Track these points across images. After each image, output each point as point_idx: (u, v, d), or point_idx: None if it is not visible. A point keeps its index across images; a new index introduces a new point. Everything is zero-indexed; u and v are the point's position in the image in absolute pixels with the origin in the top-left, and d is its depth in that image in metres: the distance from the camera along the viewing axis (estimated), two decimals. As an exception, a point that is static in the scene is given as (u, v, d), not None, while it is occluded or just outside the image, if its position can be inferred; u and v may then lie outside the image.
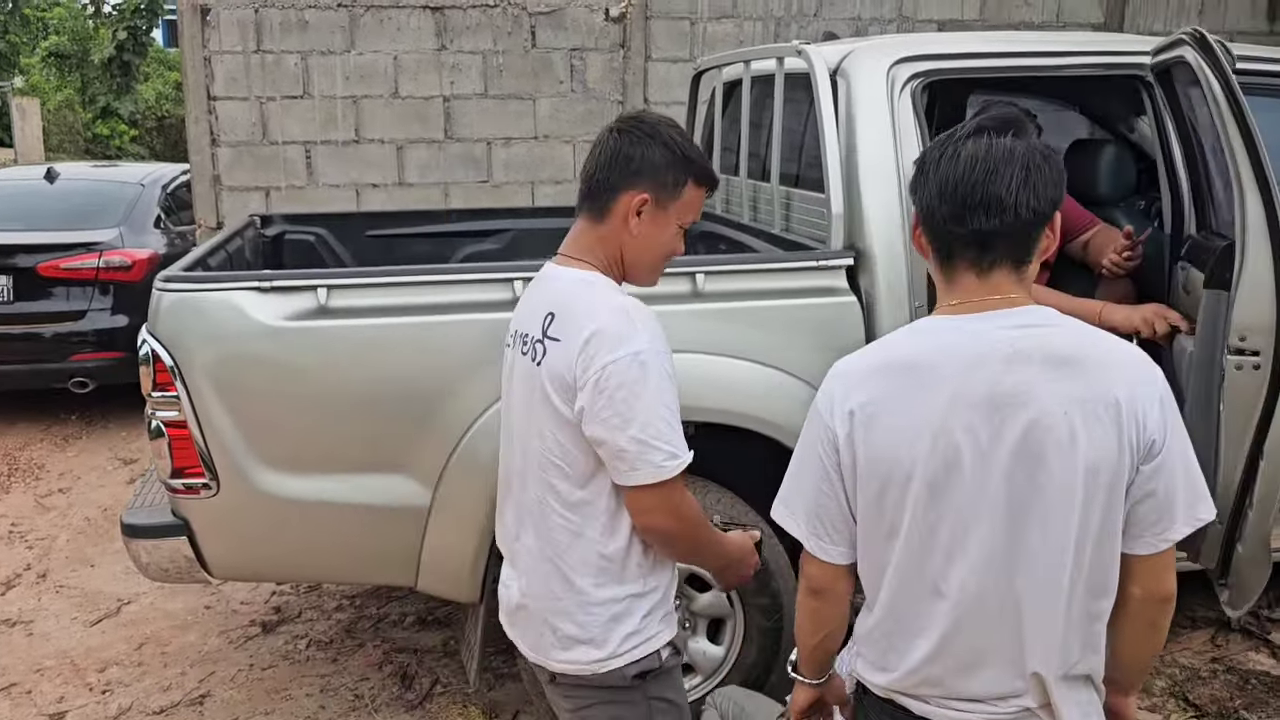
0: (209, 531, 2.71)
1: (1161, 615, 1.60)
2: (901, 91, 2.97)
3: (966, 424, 1.46)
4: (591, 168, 1.85)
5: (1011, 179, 1.45)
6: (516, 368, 1.90)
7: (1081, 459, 1.44)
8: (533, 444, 1.84)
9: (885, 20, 6.29)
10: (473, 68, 6.07)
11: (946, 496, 1.48)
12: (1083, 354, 1.47)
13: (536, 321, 1.83)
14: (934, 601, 1.53)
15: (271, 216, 4.14)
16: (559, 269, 1.88)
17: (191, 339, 2.57)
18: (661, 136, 1.82)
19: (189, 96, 5.87)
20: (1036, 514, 1.46)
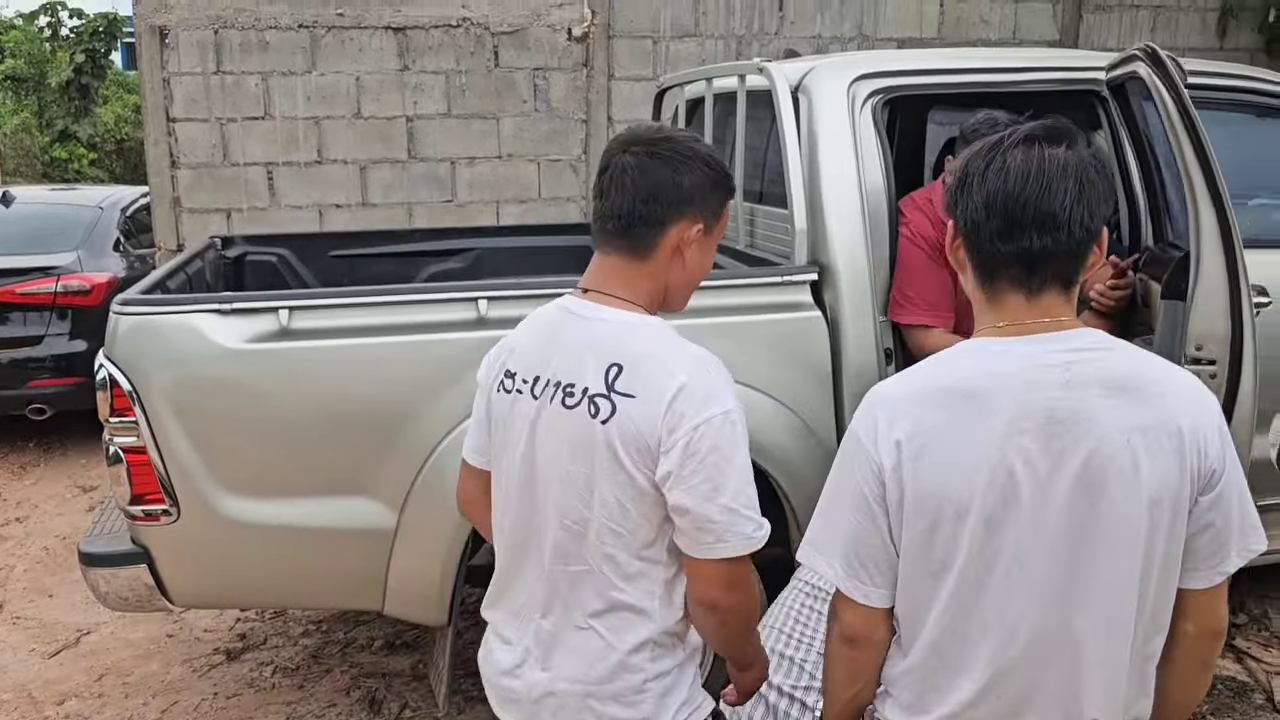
0: (170, 558, 2.66)
1: (1214, 652, 1.54)
2: (862, 108, 3.00)
3: (1024, 454, 1.37)
4: (628, 200, 1.61)
5: (1066, 194, 1.36)
6: (544, 419, 1.62)
7: (1145, 489, 1.37)
8: (574, 507, 1.60)
9: (846, 39, 6.36)
10: (436, 88, 6.06)
11: (1004, 531, 1.39)
12: (1142, 380, 1.40)
13: (588, 371, 1.58)
14: (983, 640, 1.43)
15: (232, 238, 4.10)
16: (600, 309, 1.63)
17: (150, 363, 2.53)
18: (700, 156, 1.64)
19: (148, 118, 5.81)
20: (1099, 547, 1.38)
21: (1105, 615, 1.40)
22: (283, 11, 5.85)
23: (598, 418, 1.56)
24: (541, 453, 1.63)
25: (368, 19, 5.94)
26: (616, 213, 1.62)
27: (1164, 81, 2.67)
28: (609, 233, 1.64)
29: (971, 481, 1.38)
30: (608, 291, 1.64)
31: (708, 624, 1.65)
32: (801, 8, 6.37)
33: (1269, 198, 3.73)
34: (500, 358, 1.74)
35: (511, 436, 1.68)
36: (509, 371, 1.69)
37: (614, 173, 1.63)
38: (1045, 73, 3.23)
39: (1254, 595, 3.74)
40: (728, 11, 6.29)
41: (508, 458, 1.69)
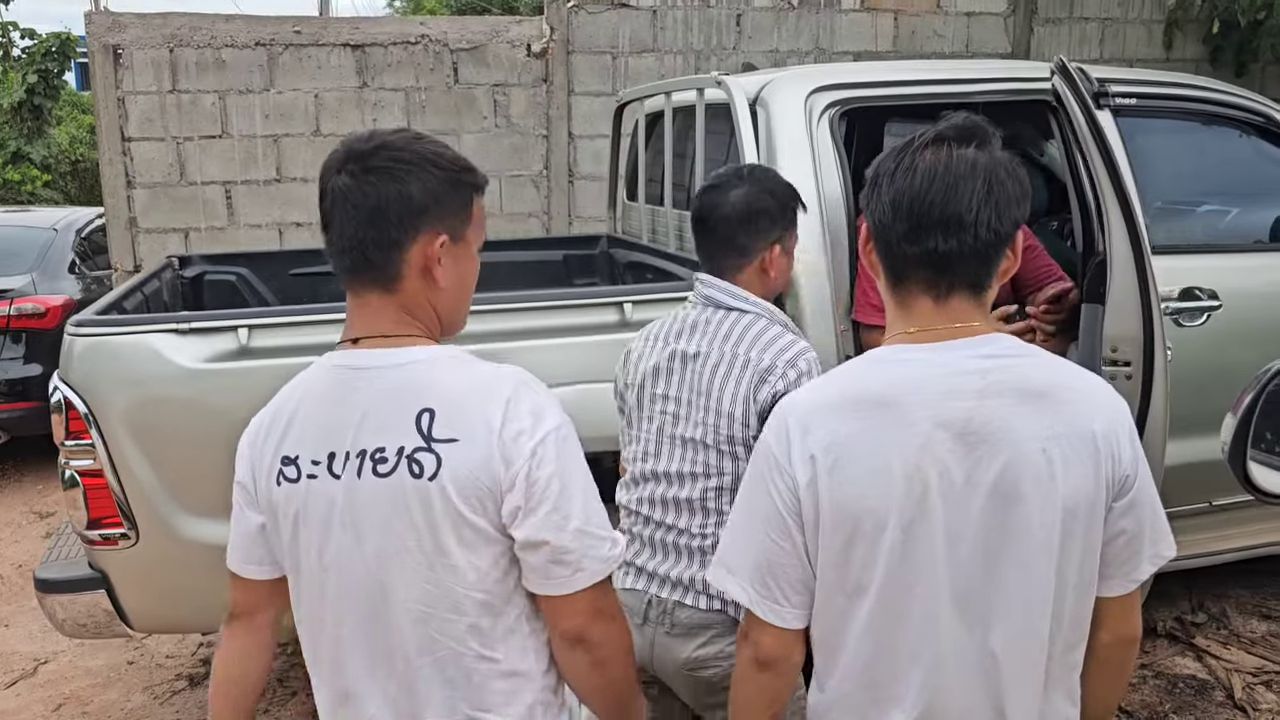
0: (128, 583, 2.62)
1: (1130, 659, 1.51)
2: (820, 119, 3.03)
3: (940, 465, 1.32)
4: (351, 228, 1.38)
5: (972, 196, 1.31)
6: (356, 498, 1.37)
7: (1061, 498, 1.32)
8: (420, 587, 1.37)
9: (803, 53, 6.43)
10: (395, 105, 6.04)
11: (921, 545, 1.33)
12: (1055, 386, 1.36)
13: (396, 427, 1.36)
14: (911, 666, 1.36)
15: (190, 257, 4.05)
16: (382, 355, 1.39)
17: (106, 385, 2.50)
18: (425, 157, 1.41)
19: (102, 138, 5.74)
20: (1015, 559, 1.33)
21: (1022, 629, 1.35)
22: (239, 29, 5.81)
23: (423, 476, 1.34)
24: (362, 539, 1.38)
25: (326, 36, 5.92)
26: (346, 245, 1.40)
27: (1072, 93, 2.75)
28: (347, 269, 1.41)
29: (888, 494, 1.32)
30: (380, 333, 1.41)
31: (580, 667, 1.45)
32: (759, 23, 6.43)
33: (1218, 204, 3.81)
34: (265, 444, 1.44)
35: (311, 533, 1.41)
36: (287, 458, 1.41)
37: (333, 198, 1.40)
38: (998, 83, 3.29)
39: (1211, 594, 3.80)
40: (686, 27, 6.33)
41: (310, 558, 1.42)
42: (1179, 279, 3.19)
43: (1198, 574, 3.56)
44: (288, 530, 1.43)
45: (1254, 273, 3.38)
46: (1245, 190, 3.70)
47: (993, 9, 6.70)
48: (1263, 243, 3.60)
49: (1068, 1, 6.77)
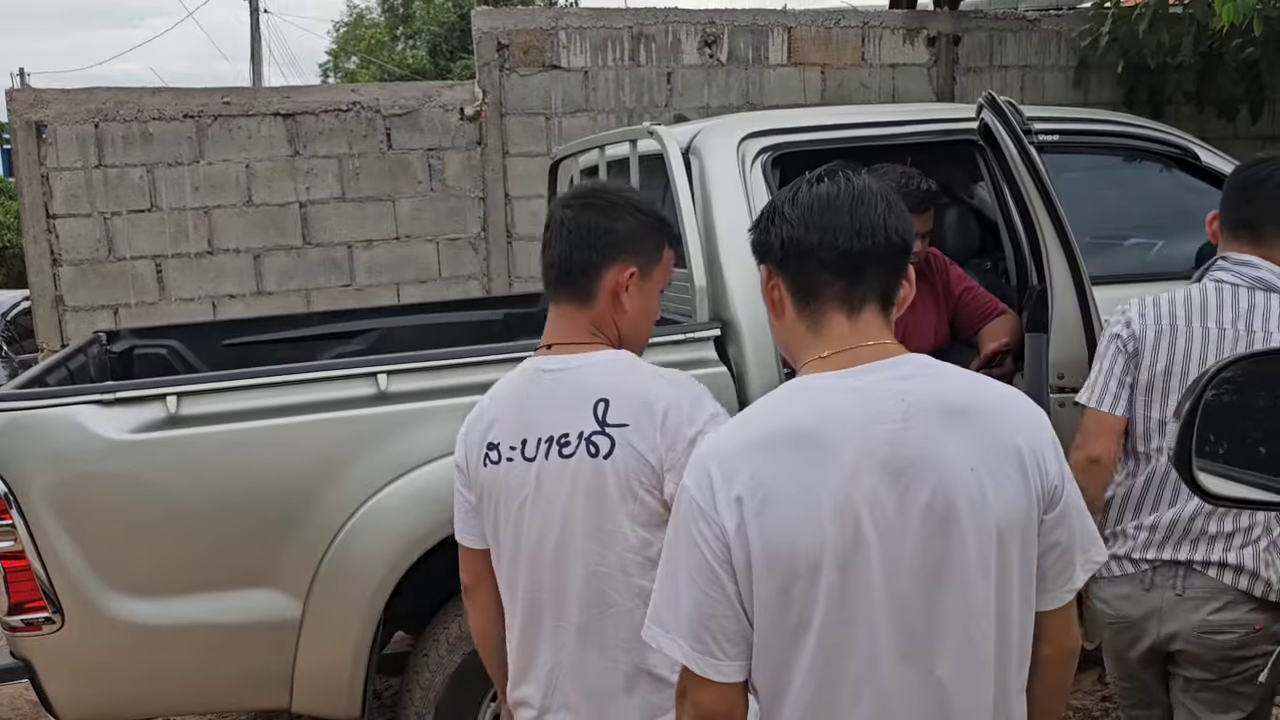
0: (54, 670, 2.49)
1: (1070, 671, 1.51)
2: (753, 165, 3.06)
3: (870, 496, 1.30)
4: (564, 249, 1.72)
5: (876, 206, 1.38)
6: (544, 477, 1.67)
7: (995, 517, 1.32)
8: (595, 550, 1.64)
9: (733, 108, 6.52)
10: (328, 172, 5.99)
11: (859, 580, 1.30)
12: (976, 401, 1.37)
13: (577, 416, 1.64)
14: (855, 704, 1.33)
15: (119, 331, 3.95)
16: (568, 359, 1.70)
17: (27, 461, 2.40)
18: (631, 203, 1.77)
19: (26, 216, 5.61)
20: (954, 584, 1.31)
21: (967, 655, 1.33)
22: (166, 102, 5.75)
23: (599, 455, 1.62)
24: (549, 510, 1.67)
25: (256, 106, 5.88)
26: (557, 261, 1.73)
27: (1005, 128, 2.82)
28: (554, 282, 1.75)
29: (821, 531, 1.30)
30: (569, 340, 1.72)
31: None
32: (689, 80, 6.52)
33: (1144, 237, 3.90)
34: (477, 433, 1.76)
35: (510, 506, 1.71)
36: (490, 444, 1.73)
37: (554, 225, 1.75)
38: (927, 125, 3.35)
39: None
40: (617, 86, 6.40)
41: (508, 528, 1.72)
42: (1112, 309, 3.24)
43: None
44: (491, 507, 1.73)
45: (1183, 300, 3.44)
46: (1169, 222, 3.80)
47: (915, 60, 6.88)
48: (1189, 270, 3.68)
49: (987, 50, 6.98)
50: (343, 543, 2.50)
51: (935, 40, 6.88)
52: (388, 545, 2.53)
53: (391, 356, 2.70)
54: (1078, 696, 3.42)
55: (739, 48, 6.59)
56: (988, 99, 2.94)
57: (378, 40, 27.15)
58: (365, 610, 2.53)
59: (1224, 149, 3.83)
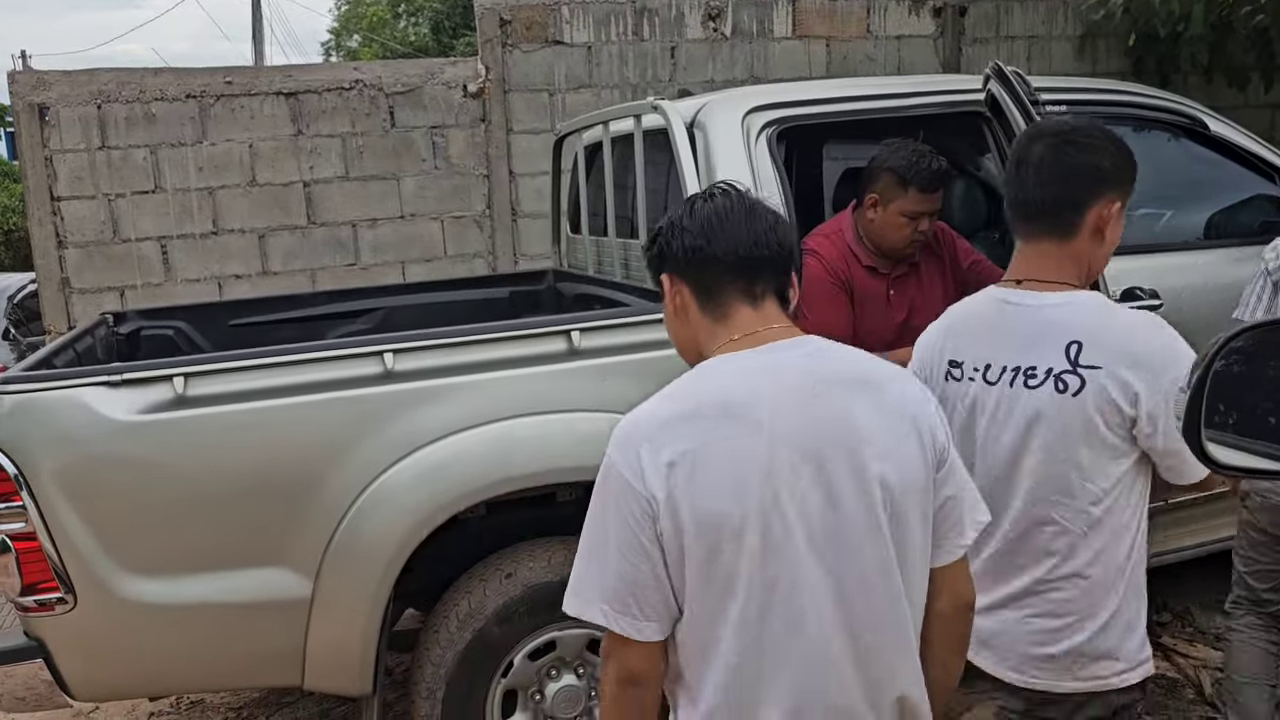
0: (68, 650, 2.50)
1: (968, 626, 1.62)
2: (758, 139, 3.04)
3: (789, 463, 1.40)
4: (1051, 187, 1.77)
5: (763, 218, 1.53)
6: (1002, 401, 1.80)
7: (898, 477, 1.44)
8: (1041, 474, 1.78)
9: (738, 82, 6.48)
10: (332, 151, 5.98)
11: (779, 543, 1.40)
12: (871, 373, 1.51)
13: (1048, 353, 1.75)
14: (781, 665, 1.41)
15: (125, 313, 3.95)
16: (1041, 295, 1.78)
17: (36, 443, 2.40)
18: (1111, 138, 1.81)
19: (30, 199, 5.61)
20: (870, 544, 1.42)
21: (887, 611, 1.44)
22: (168, 82, 5.73)
23: (1067, 392, 1.73)
24: (1003, 433, 1.80)
25: (258, 85, 5.85)
26: (1040, 199, 1.78)
27: (1011, 98, 2.79)
28: (1033, 219, 1.80)
29: (744, 500, 1.38)
30: (1041, 278, 1.79)
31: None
32: (693, 55, 6.48)
33: (1153, 207, 3.87)
34: (939, 346, 1.92)
35: (967, 421, 1.85)
36: (954, 361, 1.87)
37: (1033, 163, 1.78)
38: (933, 96, 3.32)
39: (1175, 593, 3.81)
40: (621, 62, 6.36)
41: (964, 443, 1.82)
42: (1120, 280, 3.22)
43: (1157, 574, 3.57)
44: (956, 418, 1.85)
45: (1191, 270, 3.42)
46: (1178, 192, 3.77)
47: (921, 31, 6.82)
48: (1197, 240, 3.66)
49: (994, 21, 6.92)
50: (352, 521, 2.51)
51: (941, 11, 6.82)
52: (397, 523, 2.54)
53: (398, 335, 2.70)
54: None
55: (743, 21, 6.53)
56: (994, 69, 2.91)
57: (380, 18, 26.99)
58: (375, 588, 2.54)
59: (1234, 118, 3.80)
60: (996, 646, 1.85)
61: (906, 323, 3.14)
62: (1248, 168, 3.67)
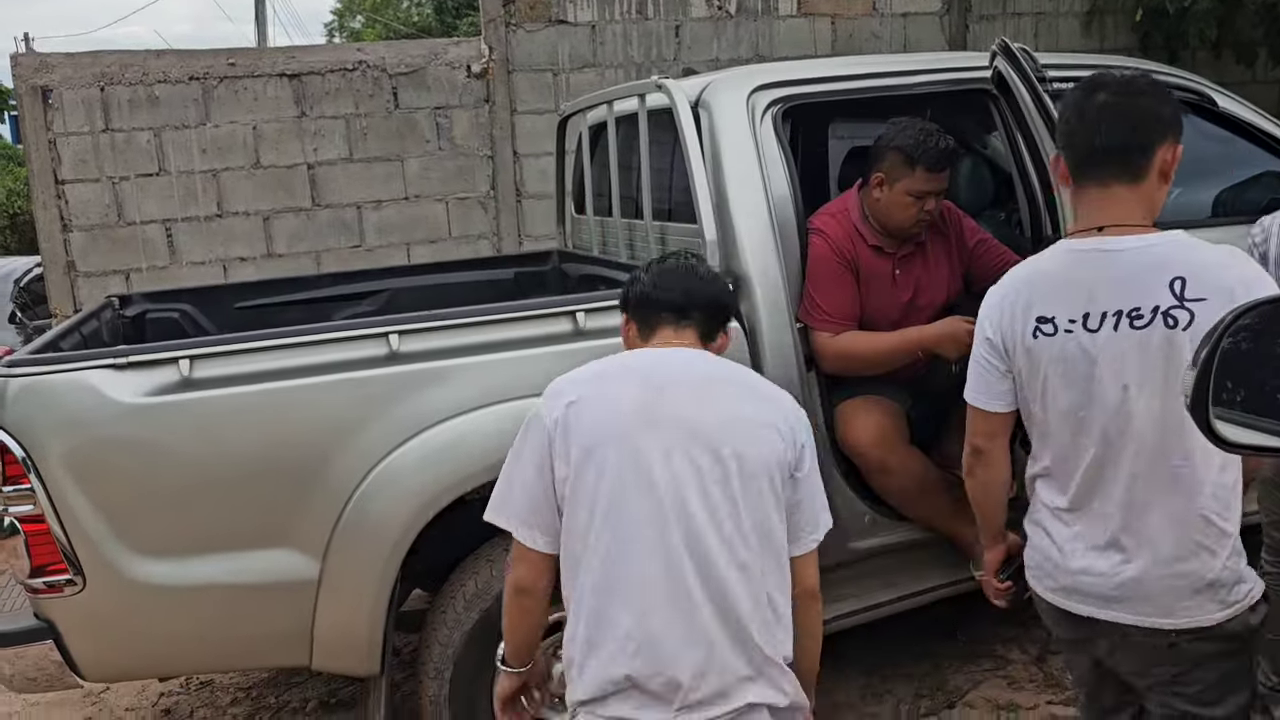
0: (77, 631, 2.51)
1: (813, 612, 1.98)
2: (763, 118, 3.02)
3: (659, 416, 1.84)
4: (1120, 132, 1.81)
5: (703, 277, 2.10)
6: (1108, 346, 1.81)
7: (752, 455, 1.84)
8: (1155, 407, 1.79)
9: (743, 60, 6.45)
10: (336, 133, 5.97)
11: (626, 474, 1.82)
12: (758, 382, 2.02)
13: (1151, 292, 1.77)
14: (623, 585, 1.81)
15: (130, 296, 3.95)
16: (1126, 239, 1.81)
17: (43, 426, 2.40)
18: (1165, 86, 1.88)
19: (35, 182, 5.61)
20: (711, 494, 1.82)
21: (741, 551, 1.83)
22: (171, 64, 5.72)
23: (1176, 327, 1.75)
24: (1115, 375, 1.81)
25: (261, 67, 5.84)
26: (1109, 144, 1.81)
27: (1018, 74, 2.76)
28: (1102, 164, 1.83)
29: (617, 420, 1.85)
30: (1121, 223, 1.82)
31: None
32: (697, 33, 6.45)
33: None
34: (1017, 306, 1.93)
35: (1070, 373, 1.86)
36: (1042, 317, 1.88)
37: (1098, 111, 1.83)
38: (939, 74, 3.29)
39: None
40: (625, 41, 6.33)
41: (1064, 394, 1.87)
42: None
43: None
44: (1038, 375, 1.90)
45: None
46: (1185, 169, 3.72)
47: (928, 8, 6.77)
48: (1205, 218, 3.64)
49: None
50: (358, 502, 2.52)
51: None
52: (403, 505, 2.55)
53: (403, 316, 2.70)
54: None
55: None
56: (1001, 46, 2.89)
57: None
58: (382, 569, 2.55)
59: (1242, 94, 3.77)
60: (1139, 596, 1.86)
61: (912, 302, 3.13)
62: (1256, 144, 3.64)
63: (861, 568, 3.05)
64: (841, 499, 2.95)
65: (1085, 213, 1.88)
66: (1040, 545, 1.99)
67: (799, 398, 2.85)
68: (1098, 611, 1.90)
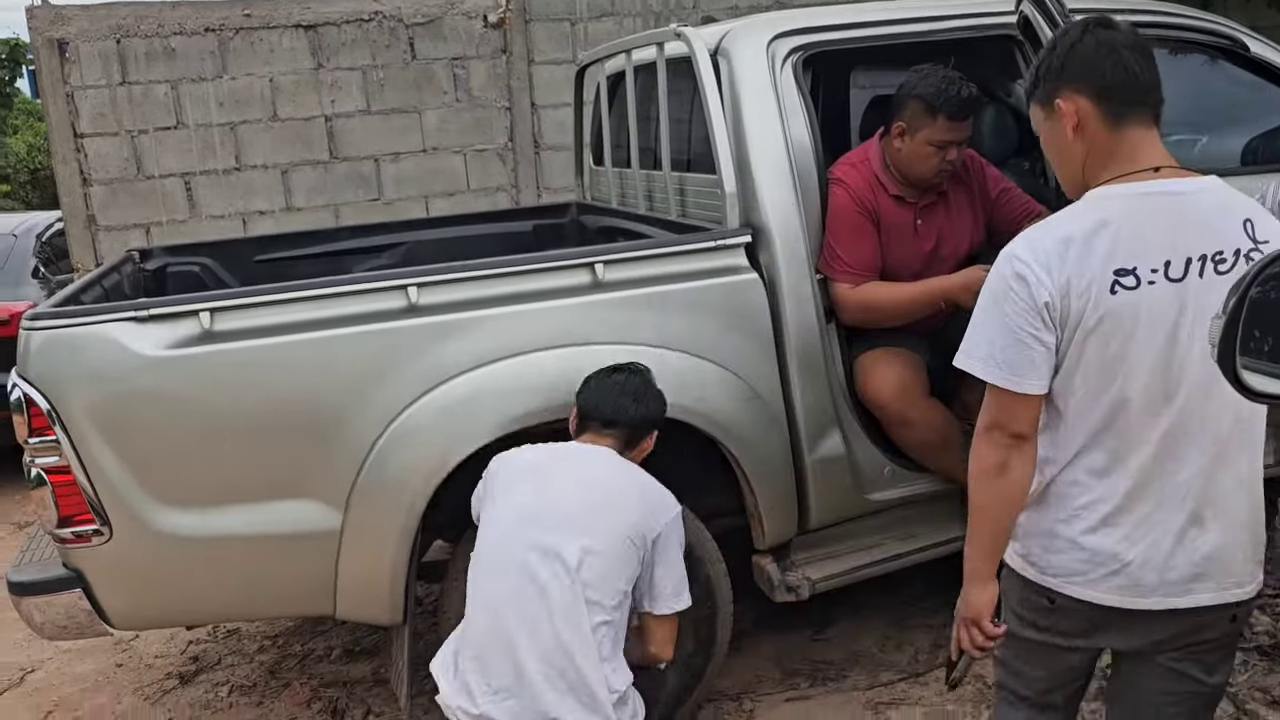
0: (105, 580, 2.56)
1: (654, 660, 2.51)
2: (783, 66, 2.97)
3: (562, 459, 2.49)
4: (1150, 70, 1.69)
5: (637, 395, 2.50)
6: (1194, 296, 1.64)
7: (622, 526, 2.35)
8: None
9: (763, 9, 6.34)
10: (353, 84, 5.93)
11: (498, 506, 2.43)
12: (621, 481, 2.41)
13: (1229, 233, 1.65)
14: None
15: (151, 250, 3.97)
16: (1185, 181, 1.68)
17: (66, 378, 2.42)
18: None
19: (54, 136, 5.62)
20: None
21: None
22: (187, 16, 5.68)
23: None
24: (1183, 330, 1.65)
25: (277, 18, 5.80)
26: (1151, 83, 1.70)
27: (1045, 20, 2.70)
28: (1141, 102, 1.69)
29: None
30: (1170, 164, 1.70)
31: None
32: (717, -20, 6.35)
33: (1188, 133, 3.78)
34: (1093, 263, 1.66)
35: (1154, 329, 1.66)
36: (1122, 269, 1.65)
37: (1127, 45, 1.70)
38: (963, 20, 3.23)
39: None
40: (644, -12, 6.25)
41: (1148, 354, 1.67)
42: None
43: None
44: (1120, 336, 1.66)
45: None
46: (1215, 116, 3.66)
47: (952, -47, 6.63)
48: (1234, 166, 3.57)
49: (1027, -58, 6.71)
50: (379, 454, 2.53)
51: (973, -69, 6.62)
52: (423, 456, 2.56)
53: (421, 269, 2.69)
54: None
55: (768, -56, 6.38)
56: None
57: (398, -52, 26.55)
58: (403, 520, 2.57)
59: (1274, 38, 3.68)
60: (1219, 570, 1.73)
61: (935, 252, 3.09)
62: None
63: (881, 519, 3.05)
64: (861, 451, 2.94)
65: (1129, 155, 1.69)
66: (1087, 544, 1.75)
67: (819, 349, 2.85)
68: (1175, 600, 1.71)
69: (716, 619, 2.78)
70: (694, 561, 2.71)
